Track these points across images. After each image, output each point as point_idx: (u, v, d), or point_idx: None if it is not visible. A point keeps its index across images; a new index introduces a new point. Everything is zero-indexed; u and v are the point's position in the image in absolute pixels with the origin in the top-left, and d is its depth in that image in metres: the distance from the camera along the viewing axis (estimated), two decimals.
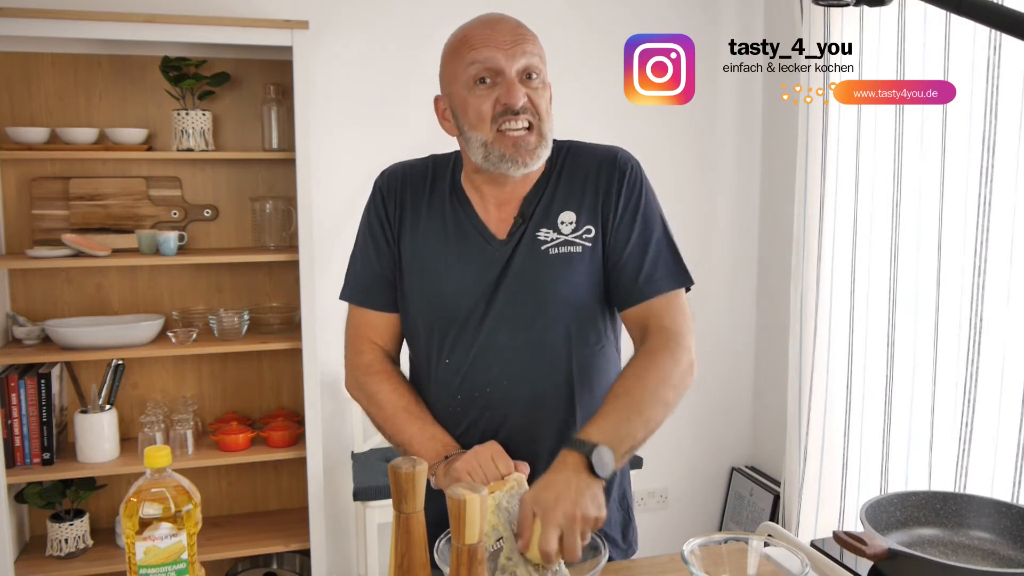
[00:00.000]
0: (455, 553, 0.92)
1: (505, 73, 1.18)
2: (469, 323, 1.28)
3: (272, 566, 2.67)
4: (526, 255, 1.26)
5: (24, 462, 2.33)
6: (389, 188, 1.34)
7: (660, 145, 2.88)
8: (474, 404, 1.29)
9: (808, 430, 2.48)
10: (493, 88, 1.19)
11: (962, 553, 1.20)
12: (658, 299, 1.27)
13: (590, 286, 1.27)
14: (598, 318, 1.30)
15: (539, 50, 1.22)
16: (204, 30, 2.25)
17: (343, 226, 2.59)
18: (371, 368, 1.34)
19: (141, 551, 0.92)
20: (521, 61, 1.19)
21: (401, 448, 1.28)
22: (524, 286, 1.26)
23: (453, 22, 1.28)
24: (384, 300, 1.35)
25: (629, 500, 1.40)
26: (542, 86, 1.22)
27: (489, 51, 1.18)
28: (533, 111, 1.20)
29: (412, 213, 1.32)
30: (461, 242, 1.29)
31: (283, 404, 2.71)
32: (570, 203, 1.28)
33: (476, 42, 1.19)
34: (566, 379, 1.29)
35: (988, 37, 1.78)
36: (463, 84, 1.21)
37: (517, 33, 1.20)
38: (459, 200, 1.30)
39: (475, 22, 1.23)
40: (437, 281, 1.29)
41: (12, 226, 2.44)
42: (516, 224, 1.27)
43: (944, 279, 1.97)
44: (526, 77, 1.20)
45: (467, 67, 1.20)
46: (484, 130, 1.20)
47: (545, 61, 1.24)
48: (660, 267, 1.27)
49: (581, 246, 1.26)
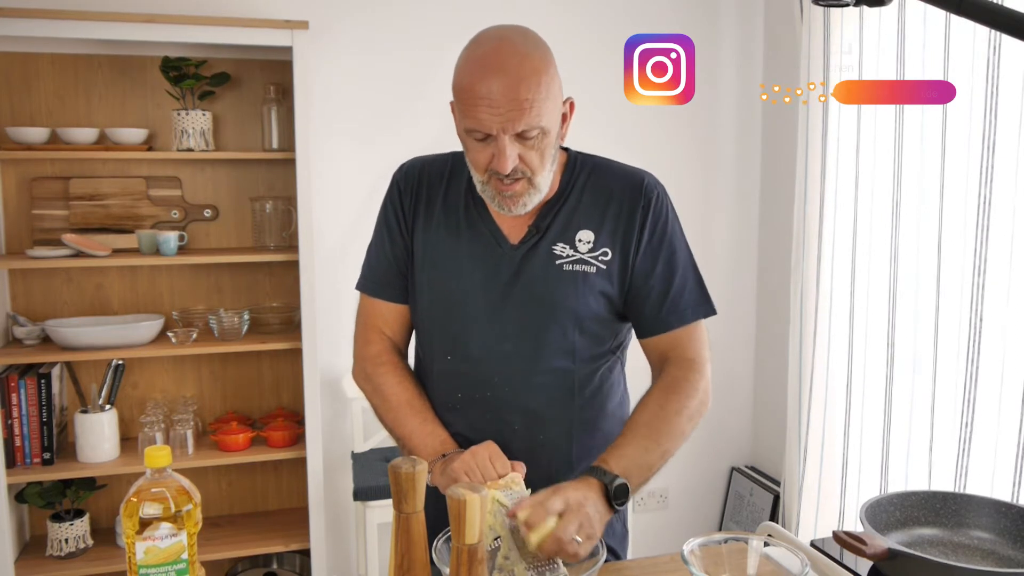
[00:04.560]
0: (455, 553, 0.92)
1: (498, 140, 1.14)
2: (475, 323, 1.28)
3: (272, 566, 2.67)
4: (540, 266, 1.26)
5: (24, 462, 2.33)
6: (406, 181, 1.34)
7: (660, 145, 2.88)
8: (474, 405, 1.29)
9: (808, 430, 2.48)
10: (488, 144, 1.16)
11: (962, 553, 1.20)
12: (681, 330, 1.28)
13: (599, 306, 1.27)
14: (605, 338, 1.31)
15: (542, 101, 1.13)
16: (204, 30, 2.25)
17: (343, 226, 2.59)
18: (379, 359, 1.34)
19: (141, 551, 0.92)
20: (516, 127, 1.13)
21: (400, 441, 1.29)
22: (534, 297, 1.26)
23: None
24: (396, 291, 1.35)
25: (625, 514, 1.42)
26: (541, 138, 1.16)
27: (485, 116, 1.12)
28: (525, 169, 1.17)
29: (427, 208, 1.32)
30: (473, 241, 1.29)
31: (283, 404, 2.71)
32: (590, 222, 1.27)
33: (476, 100, 1.12)
34: (567, 395, 1.29)
35: (988, 37, 1.78)
36: (462, 126, 1.18)
37: (515, 96, 1.11)
38: (475, 199, 1.30)
39: (478, 68, 1.13)
40: (447, 277, 1.29)
41: (12, 226, 2.44)
42: (530, 233, 1.27)
43: (944, 279, 1.97)
44: (524, 135, 1.15)
45: (464, 122, 1.16)
46: (479, 172, 1.20)
47: (556, 102, 1.17)
48: (685, 297, 1.28)
49: (595, 266, 1.26)
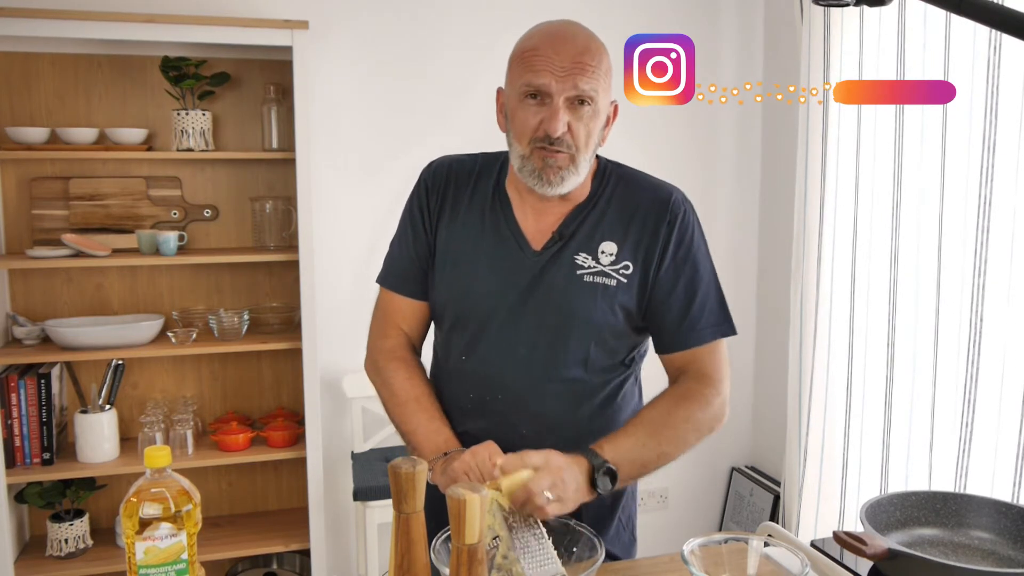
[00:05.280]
0: (455, 553, 0.92)
1: (553, 98, 1.16)
2: (491, 326, 1.28)
3: (272, 566, 2.67)
4: (561, 275, 1.26)
5: (24, 462, 2.33)
6: (434, 180, 1.35)
7: (660, 145, 2.88)
8: (486, 408, 1.30)
9: (808, 430, 2.48)
10: (541, 106, 1.18)
11: (962, 553, 1.20)
12: (700, 348, 1.29)
13: (617, 319, 1.27)
14: (620, 351, 1.30)
15: (600, 76, 1.18)
16: (204, 30, 2.25)
17: (343, 226, 2.59)
18: (393, 353, 1.35)
19: (141, 551, 0.92)
20: (572, 91, 1.16)
21: (405, 436, 1.29)
22: (553, 305, 1.26)
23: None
24: (416, 288, 1.36)
25: (635, 521, 1.42)
26: (591, 114, 1.19)
27: (544, 75, 1.15)
28: (571, 142, 1.18)
29: (452, 207, 1.32)
30: (496, 244, 1.29)
31: (283, 404, 2.71)
32: (615, 235, 1.27)
33: (536, 61, 1.17)
34: (577, 404, 1.29)
35: (988, 37, 1.78)
36: (516, 93, 1.20)
37: (579, 60, 1.16)
38: (500, 202, 1.30)
39: (545, 34, 1.19)
40: (466, 276, 1.30)
41: (12, 226, 2.44)
42: (553, 240, 1.27)
43: (944, 279, 1.97)
44: (578, 102, 1.17)
45: (522, 81, 1.18)
46: (523, 143, 1.20)
47: (608, 86, 1.21)
48: (706, 316, 1.29)
49: (616, 280, 1.26)
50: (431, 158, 1.39)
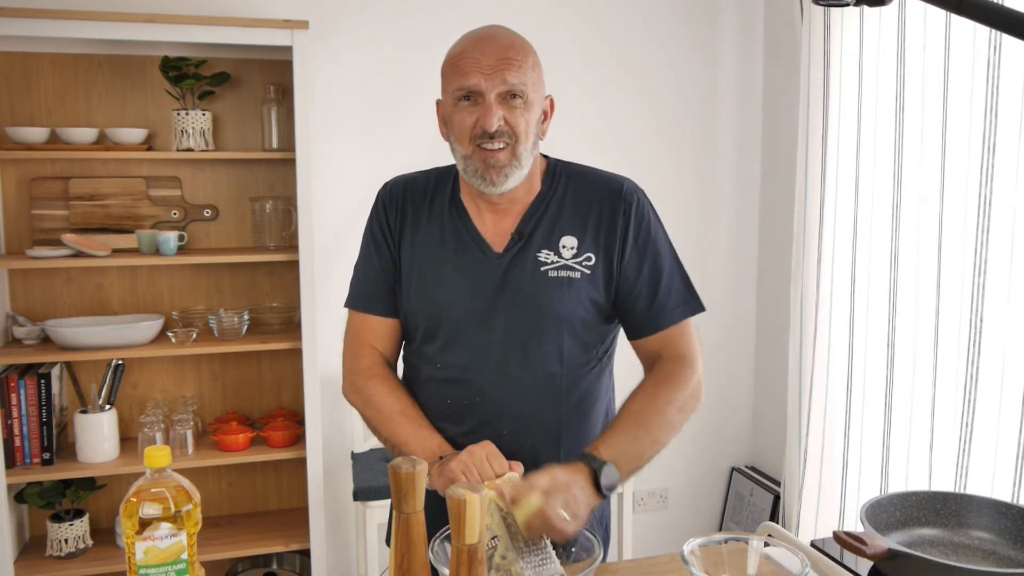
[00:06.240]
0: (455, 553, 0.92)
1: (485, 96, 1.21)
2: (463, 332, 1.29)
3: (272, 566, 2.67)
4: (526, 274, 1.28)
5: (24, 462, 2.33)
6: (391, 198, 1.38)
7: (660, 146, 2.88)
8: (465, 413, 1.31)
9: (808, 430, 2.48)
10: (475, 106, 1.23)
11: (962, 553, 1.20)
12: (671, 329, 1.31)
13: (586, 311, 1.29)
14: (592, 343, 1.33)
15: (527, 70, 1.23)
16: (204, 30, 2.25)
17: (343, 226, 2.59)
18: (369, 372, 1.36)
19: (141, 551, 0.92)
20: (502, 85, 1.21)
21: (397, 451, 1.30)
22: (522, 304, 1.28)
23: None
24: (385, 306, 1.37)
25: (608, 519, 1.43)
26: (524, 107, 1.23)
27: (473, 75, 1.21)
28: (510, 133, 1.22)
29: (412, 223, 1.35)
30: (458, 251, 1.31)
31: (283, 404, 2.71)
32: (574, 229, 1.30)
33: (464, 64, 1.22)
34: (556, 398, 1.31)
35: (988, 37, 1.78)
36: (451, 99, 1.25)
37: (504, 56, 1.21)
38: (457, 211, 1.33)
39: (470, 40, 1.25)
40: (434, 287, 1.31)
41: (12, 226, 2.44)
42: (513, 240, 1.30)
43: (944, 279, 1.97)
44: (510, 97, 1.22)
45: (454, 85, 1.23)
46: (464, 145, 1.24)
47: (539, 80, 1.26)
48: (672, 297, 1.31)
49: (580, 272, 1.29)
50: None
